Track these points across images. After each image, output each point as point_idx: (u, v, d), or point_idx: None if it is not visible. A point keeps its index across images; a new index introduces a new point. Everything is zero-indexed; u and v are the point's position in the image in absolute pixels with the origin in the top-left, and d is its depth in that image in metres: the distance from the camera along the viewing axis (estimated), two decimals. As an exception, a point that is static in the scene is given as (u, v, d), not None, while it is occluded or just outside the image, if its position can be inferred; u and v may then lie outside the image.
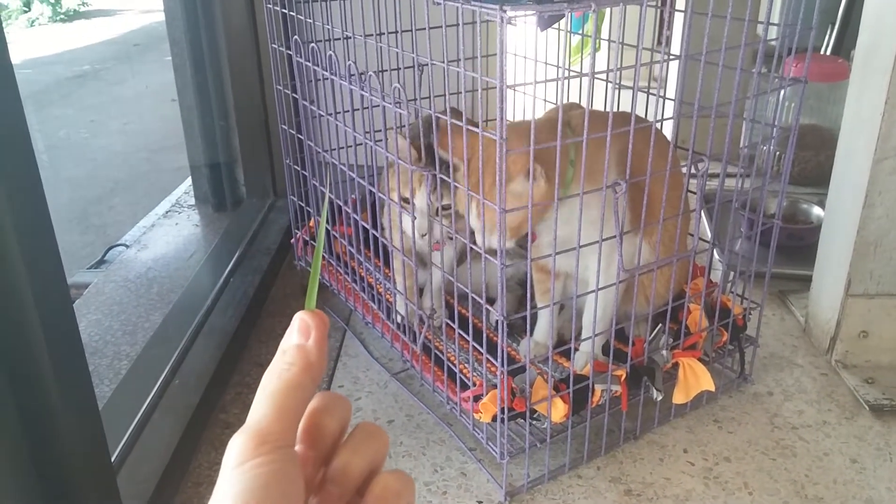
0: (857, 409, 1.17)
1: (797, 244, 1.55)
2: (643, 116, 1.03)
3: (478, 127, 0.85)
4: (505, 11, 0.74)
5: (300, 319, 0.36)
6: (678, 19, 1.77)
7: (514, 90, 0.81)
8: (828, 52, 2.26)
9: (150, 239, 1.78)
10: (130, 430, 1.02)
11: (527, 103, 1.29)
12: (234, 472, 0.31)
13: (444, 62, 0.89)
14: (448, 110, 0.89)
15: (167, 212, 1.92)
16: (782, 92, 1.05)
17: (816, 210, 1.64)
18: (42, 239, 0.71)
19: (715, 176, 1.07)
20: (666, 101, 1.04)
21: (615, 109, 0.85)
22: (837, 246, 1.24)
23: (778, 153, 1.67)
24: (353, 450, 0.35)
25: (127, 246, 1.77)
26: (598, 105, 0.89)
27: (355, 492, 0.35)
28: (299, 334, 0.35)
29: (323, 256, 1.42)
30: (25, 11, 5.92)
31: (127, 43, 5.44)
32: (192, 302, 1.36)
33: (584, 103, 0.92)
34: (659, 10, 2.58)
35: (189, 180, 2.00)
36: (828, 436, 1.11)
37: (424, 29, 0.89)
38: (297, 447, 0.35)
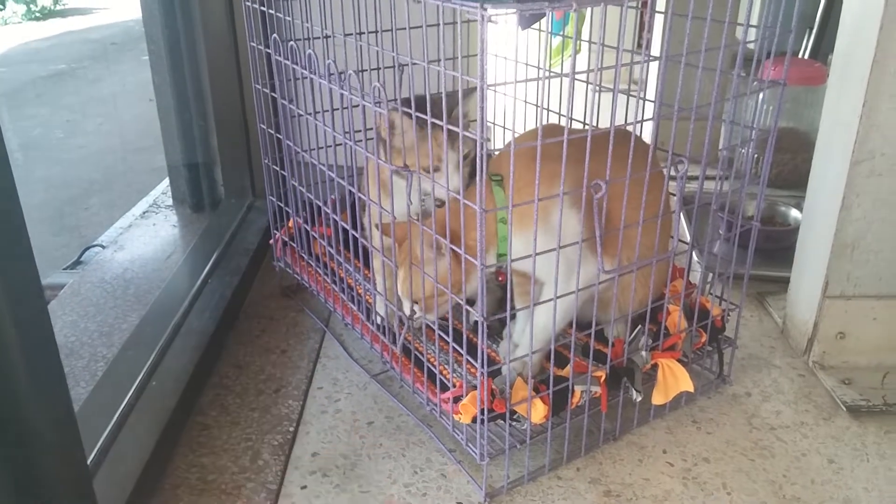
0: (835, 410, 1.18)
1: (775, 246, 1.56)
2: (624, 126, 1.03)
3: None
4: (486, 10, 0.73)
5: None
6: (658, 21, 1.78)
7: (495, 91, 0.81)
8: (806, 56, 2.29)
9: (127, 240, 1.75)
10: (107, 433, 1.01)
11: (507, 104, 1.30)
12: None
13: (424, 62, 0.88)
14: (428, 101, 0.88)
15: (144, 212, 1.89)
16: (761, 95, 1.06)
17: (794, 212, 1.65)
18: (15, 239, 0.70)
19: (694, 178, 1.08)
20: (646, 102, 1.05)
21: (594, 110, 0.85)
22: (815, 248, 1.25)
23: (756, 156, 1.69)
24: None
25: (103, 247, 1.75)
26: (579, 106, 0.89)
27: None
28: None
29: (301, 257, 1.41)
30: (0, 10, 5.83)
31: (104, 42, 5.37)
32: (169, 303, 1.34)
33: (564, 107, 0.92)
34: (638, 14, 2.59)
35: (166, 181, 1.98)
36: (805, 436, 1.12)
37: (405, 28, 0.88)
38: None
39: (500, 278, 1.10)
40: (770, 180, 1.85)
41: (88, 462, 0.91)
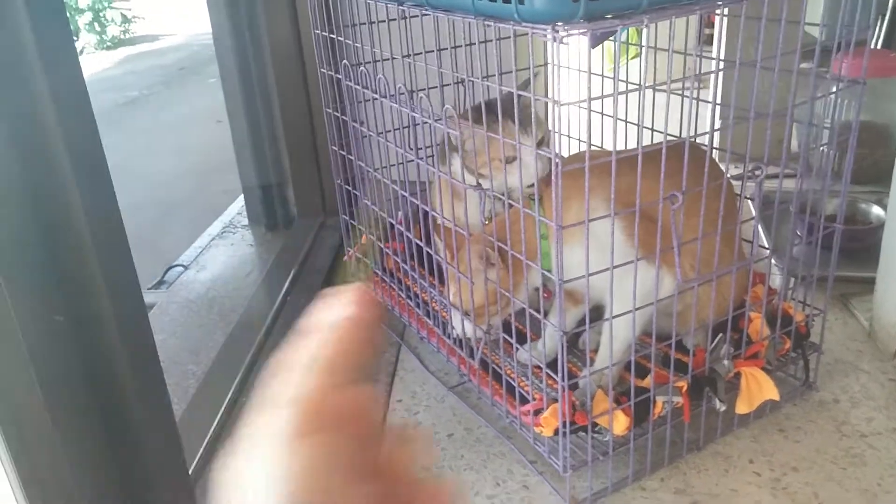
0: (929, 415, 1.14)
1: (857, 246, 1.51)
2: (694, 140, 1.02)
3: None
4: (557, 31, 0.74)
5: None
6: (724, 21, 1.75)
7: (560, 106, 0.82)
8: (878, 46, 2.20)
9: (208, 259, 1.83)
10: (204, 447, 1.06)
11: (572, 114, 1.30)
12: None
13: (496, 77, 0.89)
14: (497, 103, 0.90)
15: (222, 232, 1.97)
16: (835, 91, 1.03)
17: (876, 210, 1.59)
18: (119, 257, 0.76)
19: (773, 177, 1.05)
20: (717, 107, 1.03)
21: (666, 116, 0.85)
22: (901, 247, 1.21)
23: (836, 153, 1.64)
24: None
25: (185, 267, 1.83)
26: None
27: None
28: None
29: (375, 273, 1.44)
30: (74, 41, 6.17)
31: (172, 67, 5.60)
32: (252, 322, 1.40)
33: (633, 114, 0.92)
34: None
35: (240, 201, 2.05)
36: (899, 443, 1.09)
37: (474, 44, 0.90)
38: None
39: (545, 295, 1.12)
40: (848, 176, 1.79)
41: (189, 472, 0.96)
